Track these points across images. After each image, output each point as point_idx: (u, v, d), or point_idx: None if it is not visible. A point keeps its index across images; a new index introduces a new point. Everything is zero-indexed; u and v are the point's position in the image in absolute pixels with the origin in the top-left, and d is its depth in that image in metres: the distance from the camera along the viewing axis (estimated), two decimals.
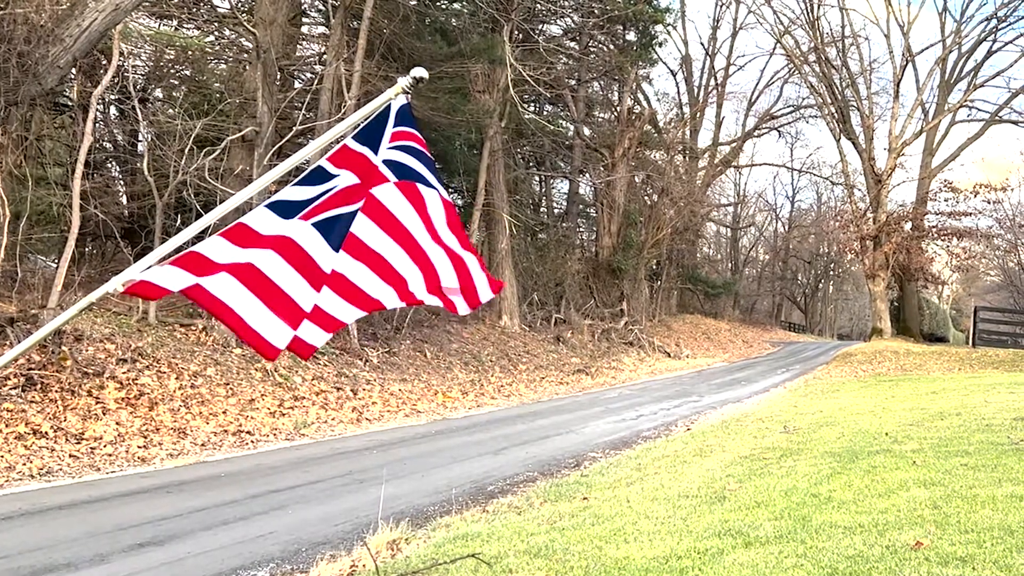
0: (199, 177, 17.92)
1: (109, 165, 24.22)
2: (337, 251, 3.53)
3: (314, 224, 3.50)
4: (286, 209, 3.46)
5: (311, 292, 3.46)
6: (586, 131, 40.59)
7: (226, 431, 13.32)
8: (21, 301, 14.65)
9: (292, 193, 3.49)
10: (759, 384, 24.56)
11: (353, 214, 3.56)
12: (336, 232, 3.52)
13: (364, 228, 3.65)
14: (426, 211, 3.83)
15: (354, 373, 18.76)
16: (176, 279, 3.15)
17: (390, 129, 3.61)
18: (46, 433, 11.09)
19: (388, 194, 3.70)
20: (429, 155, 3.82)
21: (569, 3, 34.16)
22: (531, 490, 9.51)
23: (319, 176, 3.53)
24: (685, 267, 51.33)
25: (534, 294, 33.94)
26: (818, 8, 39.16)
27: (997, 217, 44.00)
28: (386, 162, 3.67)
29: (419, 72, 3.53)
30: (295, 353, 3.58)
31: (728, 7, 53.21)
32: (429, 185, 3.80)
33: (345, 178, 3.56)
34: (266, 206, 3.45)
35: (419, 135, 3.77)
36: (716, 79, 54.23)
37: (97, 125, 19.88)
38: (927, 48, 53.26)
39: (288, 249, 3.43)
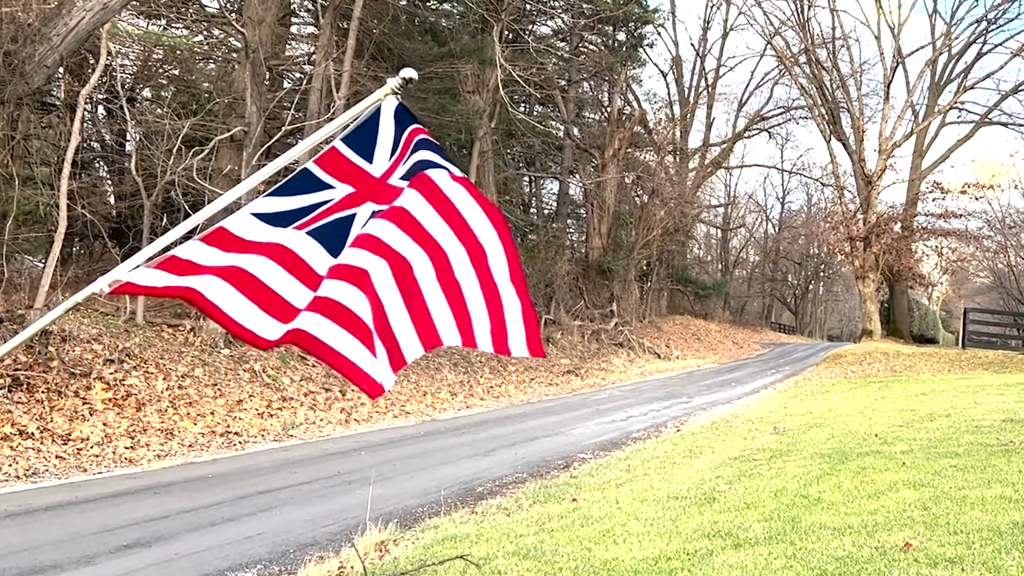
0: (187, 177, 17.86)
1: (97, 165, 24.14)
2: (337, 256, 3.46)
3: (309, 232, 3.43)
4: (276, 219, 3.37)
5: (305, 291, 3.39)
6: (576, 132, 40.64)
7: (214, 432, 13.26)
8: (7, 301, 14.56)
9: (280, 203, 3.38)
10: (749, 385, 24.59)
11: (350, 218, 3.48)
12: (334, 237, 3.45)
13: (385, 229, 3.50)
14: (454, 208, 3.62)
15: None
16: (162, 280, 3.10)
17: (388, 133, 3.51)
18: (32, 434, 11.02)
19: (408, 199, 3.56)
20: (432, 140, 3.66)
21: (559, 3, 34.20)
22: (520, 491, 9.48)
23: (308, 182, 3.43)
24: (675, 268, 51.36)
25: None
26: (808, 9, 39.16)
27: (987, 218, 44.14)
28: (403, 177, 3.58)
29: (408, 73, 3.48)
30: (298, 344, 3.48)
31: (718, 8, 53.29)
32: (437, 166, 3.60)
33: (340, 191, 3.46)
34: (253, 214, 3.35)
35: (420, 127, 3.64)
36: (706, 80, 54.29)
37: (85, 124, 19.79)
38: (917, 50, 53.33)
39: (282, 255, 3.36)
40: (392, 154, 3.52)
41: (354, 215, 3.49)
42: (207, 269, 3.19)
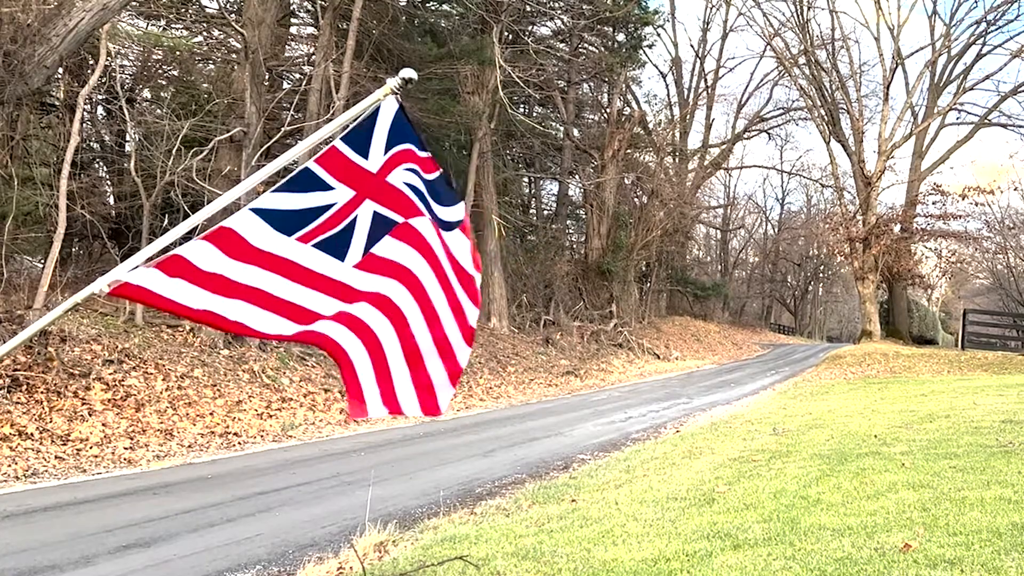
0: (187, 178, 17.85)
1: (96, 165, 24.11)
2: (343, 261, 3.53)
3: (315, 245, 3.45)
4: (279, 220, 3.35)
5: (326, 301, 3.51)
6: (576, 133, 40.65)
7: (213, 432, 13.26)
8: (7, 302, 14.55)
9: (282, 200, 3.36)
10: (748, 386, 24.58)
11: (352, 224, 3.52)
12: (340, 244, 3.51)
13: (398, 250, 3.71)
14: (450, 254, 3.93)
15: (342, 375, 18.67)
16: (163, 286, 3.08)
17: (384, 132, 3.52)
18: (32, 434, 11.01)
19: (425, 229, 3.75)
20: (436, 180, 3.80)
21: (559, 4, 34.18)
22: (519, 492, 9.48)
23: (308, 181, 3.41)
24: (675, 269, 51.37)
25: (523, 296, 33.91)
26: (808, 10, 39.17)
27: (986, 220, 44.17)
28: (409, 186, 3.66)
29: (408, 73, 3.48)
30: (321, 347, 3.78)
31: (718, 9, 53.33)
32: (440, 221, 3.87)
33: (341, 193, 3.47)
34: (254, 211, 3.33)
35: (428, 157, 3.73)
36: (706, 81, 54.31)
37: (84, 125, 19.79)
38: (917, 51, 53.37)
39: (292, 270, 3.39)
40: (387, 150, 3.56)
41: (355, 219, 3.53)
42: (213, 280, 3.18)
